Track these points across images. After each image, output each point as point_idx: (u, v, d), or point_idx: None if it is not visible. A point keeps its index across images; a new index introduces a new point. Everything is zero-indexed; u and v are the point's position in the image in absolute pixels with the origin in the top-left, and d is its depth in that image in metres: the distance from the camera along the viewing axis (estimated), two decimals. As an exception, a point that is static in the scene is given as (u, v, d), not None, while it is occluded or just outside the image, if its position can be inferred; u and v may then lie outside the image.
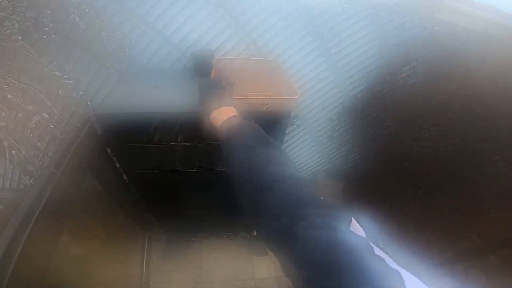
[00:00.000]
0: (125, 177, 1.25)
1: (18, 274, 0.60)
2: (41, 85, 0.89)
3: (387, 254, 0.34)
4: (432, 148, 1.75)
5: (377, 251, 0.33)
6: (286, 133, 1.52)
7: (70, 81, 0.96)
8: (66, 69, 1.01)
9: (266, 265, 2.13)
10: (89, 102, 1.11)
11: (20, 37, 0.87)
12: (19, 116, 0.71)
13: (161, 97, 0.98)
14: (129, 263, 1.58)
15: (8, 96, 0.71)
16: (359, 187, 2.37)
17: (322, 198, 0.40)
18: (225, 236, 1.93)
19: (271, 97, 0.88)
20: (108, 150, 1.09)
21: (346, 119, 2.13)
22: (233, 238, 1.95)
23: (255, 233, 1.88)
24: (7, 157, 0.71)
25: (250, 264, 2.13)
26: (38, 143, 0.77)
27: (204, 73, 1.20)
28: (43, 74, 0.92)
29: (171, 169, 1.18)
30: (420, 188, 1.94)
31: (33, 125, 0.72)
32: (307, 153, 2.32)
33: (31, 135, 0.75)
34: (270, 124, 1.14)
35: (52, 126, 0.76)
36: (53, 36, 1.03)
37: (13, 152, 0.71)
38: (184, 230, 1.71)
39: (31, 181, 0.74)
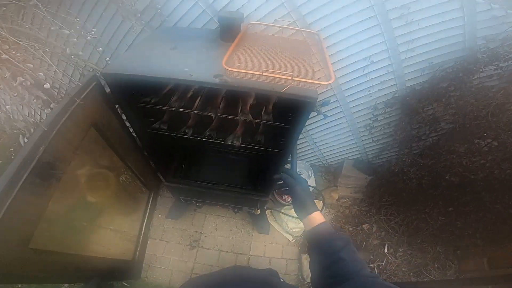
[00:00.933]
0: (134, 134, 1.35)
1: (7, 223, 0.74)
2: (46, 44, 0.95)
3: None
4: (486, 167, 1.64)
5: None
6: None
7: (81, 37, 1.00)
8: (78, 27, 1.04)
9: (263, 243, 2.30)
10: (107, 59, 1.16)
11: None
12: (6, 75, 0.77)
13: (177, 61, 0.99)
14: (131, 218, 1.82)
15: (3, 56, 0.76)
16: (385, 185, 2.36)
17: None
18: (230, 207, 2.09)
19: (293, 78, 0.80)
20: (117, 107, 1.17)
21: (393, 111, 2.03)
22: (237, 212, 2.11)
23: (259, 211, 2.01)
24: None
25: (248, 239, 2.31)
26: (34, 102, 0.84)
27: (229, 38, 1.18)
28: (50, 32, 0.97)
29: (181, 134, 1.26)
30: (453, 206, 1.90)
31: (28, 84, 0.78)
32: (339, 137, 2.31)
33: (26, 96, 0.81)
34: (287, 109, 1.13)
35: (47, 86, 0.81)
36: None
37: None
38: (192, 194, 1.88)
39: (24, 140, 0.84)
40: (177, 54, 1.05)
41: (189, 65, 0.97)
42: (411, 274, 2.26)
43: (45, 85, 0.78)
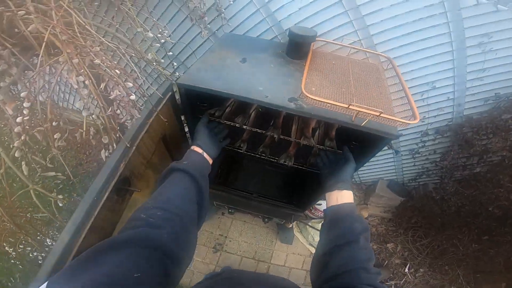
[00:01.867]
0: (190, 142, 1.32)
1: (87, 240, 0.71)
2: (132, 48, 0.90)
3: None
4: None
5: None
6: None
7: (160, 42, 0.95)
8: (160, 30, 0.99)
9: (285, 253, 2.23)
10: (175, 64, 1.11)
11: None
12: (101, 87, 0.71)
13: (249, 77, 0.93)
14: None
15: (96, 60, 0.70)
16: (418, 208, 2.26)
17: None
18: (260, 216, 2.04)
19: (381, 115, 0.72)
20: (182, 118, 1.13)
21: (443, 138, 1.89)
22: (267, 221, 2.06)
23: (291, 225, 1.95)
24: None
25: (271, 248, 2.24)
26: (119, 113, 0.79)
27: (297, 55, 1.10)
28: (136, 35, 0.91)
29: (235, 148, 1.20)
30: (489, 235, 1.81)
31: (115, 95, 0.72)
32: (378, 157, 2.20)
33: (113, 107, 0.76)
34: (353, 138, 1.06)
35: (133, 97, 0.76)
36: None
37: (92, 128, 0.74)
38: (227, 200, 1.84)
39: (105, 155, 0.79)
40: (247, 68, 0.98)
41: (261, 82, 0.90)
42: None
43: (131, 96, 0.73)
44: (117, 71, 0.70)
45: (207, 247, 2.19)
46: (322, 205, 2.11)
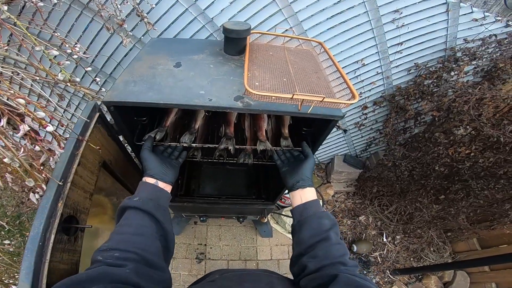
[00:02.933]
0: (136, 161, 1.21)
1: None
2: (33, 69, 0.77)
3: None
4: (471, 157, 1.69)
5: None
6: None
7: (73, 58, 0.82)
8: (68, 45, 0.85)
9: (269, 247, 2.22)
10: (98, 79, 0.99)
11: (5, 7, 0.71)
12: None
13: (187, 82, 0.85)
14: None
15: None
16: (375, 179, 2.38)
17: None
18: (234, 217, 1.99)
19: (324, 100, 0.71)
20: (121, 138, 1.02)
21: (380, 108, 2.04)
22: (242, 221, 2.01)
23: (266, 219, 1.93)
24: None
25: (253, 245, 2.22)
26: (38, 150, 0.66)
27: (235, 51, 1.07)
28: (33, 54, 0.78)
29: (191, 158, 1.13)
30: (444, 194, 1.95)
31: (23, 131, 0.60)
32: (330, 135, 2.26)
33: (26, 145, 0.63)
34: (303, 125, 1.06)
35: (50, 128, 0.63)
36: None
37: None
38: (195, 210, 1.74)
39: (36, 197, 0.67)
40: (184, 72, 0.89)
41: (202, 86, 0.84)
42: (412, 259, 2.31)
43: (48, 128, 0.61)
44: (20, 100, 0.59)
45: (189, 259, 2.10)
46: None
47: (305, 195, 0.77)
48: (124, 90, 0.78)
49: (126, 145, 1.03)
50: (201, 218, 1.82)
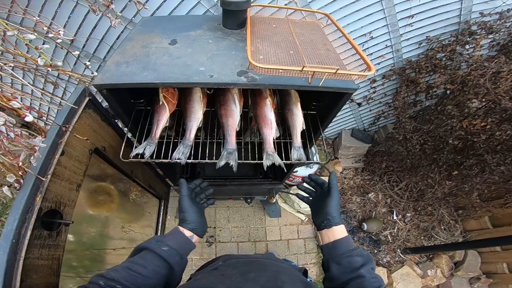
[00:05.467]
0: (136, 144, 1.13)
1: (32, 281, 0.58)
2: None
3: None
4: (487, 129, 1.58)
5: None
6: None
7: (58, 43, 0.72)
8: (45, 28, 0.74)
9: (278, 227, 2.18)
10: (88, 63, 0.90)
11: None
12: None
13: (185, 59, 0.75)
14: (145, 230, 1.63)
15: None
16: (384, 153, 2.28)
17: None
18: (242, 198, 1.93)
19: (338, 71, 0.64)
20: (119, 123, 0.93)
21: (390, 82, 1.93)
22: (250, 202, 1.96)
23: (274, 199, 1.87)
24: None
25: (262, 225, 2.18)
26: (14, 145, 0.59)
27: (235, 25, 0.95)
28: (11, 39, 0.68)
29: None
30: (458, 170, 1.84)
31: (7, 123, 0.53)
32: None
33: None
34: (323, 103, 0.97)
35: (30, 118, 0.56)
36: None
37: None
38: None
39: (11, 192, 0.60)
40: (180, 50, 0.80)
41: (201, 62, 0.75)
42: (422, 237, 2.26)
43: (27, 118, 0.54)
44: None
45: (200, 243, 2.07)
46: (298, 171, 2.06)
47: (333, 234, 0.72)
48: (116, 72, 0.71)
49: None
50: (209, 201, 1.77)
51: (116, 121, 0.89)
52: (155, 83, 0.69)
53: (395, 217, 2.29)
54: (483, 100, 1.60)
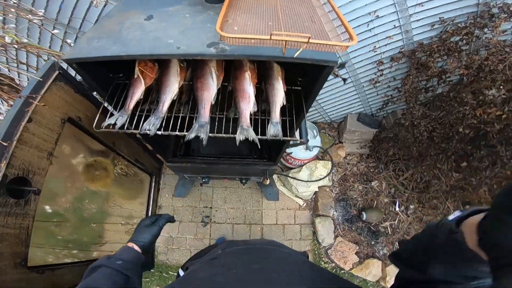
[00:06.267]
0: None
1: None
2: None
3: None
4: (502, 119, 1.45)
5: None
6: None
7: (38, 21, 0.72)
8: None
9: (274, 211, 2.17)
10: (69, 41, 0.90)
11: None
12: None
13: (157, 33, 0.74)
14: (136, 206, 1.65)
15: None
16: (391, 140, 2.17)
17: None
18: (237, 178, 1.93)
19: (310, 40, 0.58)
20: (96, 95, 0.93)
21: (399, 65, 1.82)
22: (245, 182, 1.94)
23: (268, 181, 1.84)
24: None
25: (259, 208, 2.17)
26: None
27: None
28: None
29: (176, 113, 1.03)
30: (467, 161, 1.72)
31: None
32: (341, 92, 2.09)
33: None
34: (296, 75, 0.93)
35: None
36: None
37: None
38: (196, 170, 1.69)
39: None
40: (154, 25, 0.79)
41: (172, 36, 0.73)
42: None
43: None
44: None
45: (195, 222, 2.11)
46: (293, 152, 2.02)
47: None
48: (85, 47, 0.71)
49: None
50: (203, 179, 1.78)
51: (94, 94, 0.89)
52: (121, 55, 0.68)
53: (397, 208, 2.20)
54: (501, 87, 1.46)
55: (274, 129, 0.84)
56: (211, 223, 2.10)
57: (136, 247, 0.71)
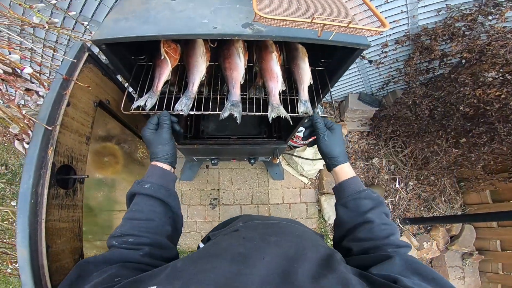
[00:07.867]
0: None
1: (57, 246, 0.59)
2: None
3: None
4: (501, 99, 1.52)
5: None
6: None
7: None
8: None
9: (280, 190, 2.21)
10: (86, 23, 0.85)
11: None
12: None
13: (188, 13, 0.72)
14: None
15: None
16: (391, 117, 2.22)
17: None
18: (245, 159, 1.93)
19: (349, 25, 0.61)
20: (120, 78, 0.91)
21: (402, 48, 1.86)
22: (253, 162, 1.94)
23: (277, 160, 1.84)
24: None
25: (265, 188, 2.21)
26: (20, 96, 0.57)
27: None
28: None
29: (198, 94, 1.01)
30: (466, 137, 1.80)
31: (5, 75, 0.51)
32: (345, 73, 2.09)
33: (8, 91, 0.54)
34: (332, 59, 0.92)
35: (28, 70, 0.53)
36: None
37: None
38: (206, 152, 1.67)
39: (24, 146, 0.59)
40: (182, 4, 0.76)
41: (204, 15, 0.71)
42: (422, 208, 2.28)
43: (25, 69, 0.52)
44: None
45: (204, 205, 2.14)
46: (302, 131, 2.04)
47: (337, 175, 0.70)
48: (115, 27, 0.68)
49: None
50: (212, 161, 1.78)
51: (117, 76, 0.87)
52: (157, 35, 0.66)
53: (397, 185, 2.30)
54: (501, 70, 1.56)
55: (304, 107, 0.85)
56: (220, 205, 2.14)
57: (160, 164, 0.68)
